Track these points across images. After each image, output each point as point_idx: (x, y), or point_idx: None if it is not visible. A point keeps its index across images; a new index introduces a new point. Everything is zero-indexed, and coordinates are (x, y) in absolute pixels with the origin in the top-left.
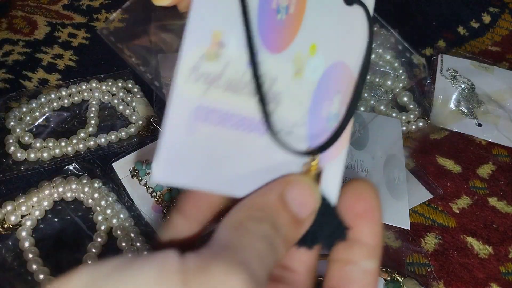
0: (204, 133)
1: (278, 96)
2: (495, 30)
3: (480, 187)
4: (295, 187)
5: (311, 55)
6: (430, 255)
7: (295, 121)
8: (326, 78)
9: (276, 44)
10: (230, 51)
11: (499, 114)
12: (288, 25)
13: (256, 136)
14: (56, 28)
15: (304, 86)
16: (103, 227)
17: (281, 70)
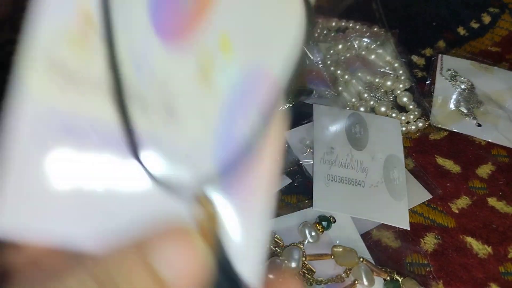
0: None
1: (171, 105)
2: (495, 30)
3: (479, 187)
4: (168, 248)
5: (222, 52)
6: (429, 255)
7: (195, 141)
8: (242, 86)
9: (173, 30)
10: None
11: (498, 114)
12: (194, 7)
13: (120, 154)
14: None
15: (210, 94)
16: None
17: (178, 69)
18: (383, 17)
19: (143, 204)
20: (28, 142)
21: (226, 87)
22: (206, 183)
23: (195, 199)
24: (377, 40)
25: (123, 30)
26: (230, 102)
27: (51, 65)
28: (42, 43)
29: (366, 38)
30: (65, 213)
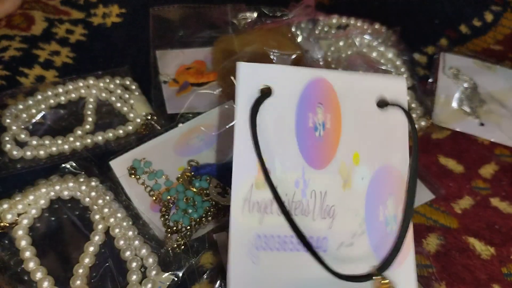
0: (267, 260)
1: (332, 210)
2: (498, 28)
3: (482, 187)
4: None
5: (355, 165)
6: (432, 256)
7: (354, 232)
8: (375, 184)
9: (320, 160)
10: (277, 175)
11: (501, 113)
12: (328, 140)
13: (318, 253)
14: (54, 24)
15: (355, 195)
16: (100, 226)
17: (329, 184)
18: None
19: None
20: (244, 250)
21: (363, 186)
22: (384, 261)
23: (378, 274)
24: (379, 37)
25: (285, 167)
26: (370, 196)
27: (249, 203)
28: (241, 191)
29: (368, 35)
30: (265, 277)
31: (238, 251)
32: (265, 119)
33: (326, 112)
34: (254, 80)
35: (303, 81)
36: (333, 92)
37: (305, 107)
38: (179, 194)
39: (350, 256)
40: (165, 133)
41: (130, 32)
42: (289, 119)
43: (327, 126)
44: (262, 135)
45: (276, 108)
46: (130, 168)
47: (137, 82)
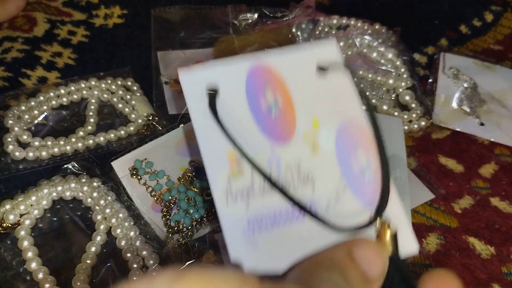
0: (265, 240)
1: (309, 175)
2: (498, 28)
3: (482, 187)
4: (363, 247)
5: (317, 129)
6: (432, 256)
7: (336, 188)
8: (341, 141)
9: (283, 136)
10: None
11: (501, 113)
12: (285, 116)
13: (305, 221)
14: (56, 25)
15: (326, 156)
16: (102, 226)
17: (299, 154)
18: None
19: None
20: (239, 238)
21: (331, 145)
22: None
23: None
24: (379, 38)
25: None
26: (339, 152)
27: (231, 193)
28: (220, 185)
29: (368, 36)
30: (267, 258)
31: (235, 241)
32: (222, 115)
33: (274, 92)
34: (198, 83)
35: (243, 70)
36: (274, 72)
37: (254, 94)
38: (181, 194)
39: (340, 212)
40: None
41: (131, 33)
42: (243, 109)
43: (280, 105)
44: (223, 130)
45: (227, 103)
46: (132, 168)
47: (138, 83)
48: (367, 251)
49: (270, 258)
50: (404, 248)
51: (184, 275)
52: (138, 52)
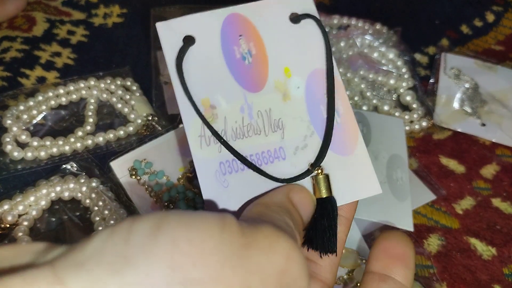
0: (234, 181)
1: (279, 122)
2: (499, 29)
3: (483, 187)
4: (298, 193)
5: (288, 78)
6: (433, 257)
7: (304, 134)
8: (310, 88)
9: (256, 84)
10: (223, 108)
11: (502, 114)
12: (258, 64)
13: (278, 162)
14: (55, 25)
15: (295, 103)
16: (100, 227)
17: (271, 101)
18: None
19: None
20: (211, 179)
21: (301, 93)
22: (317, 157)
23: (312, 169)
24: (380, 38)
25: (228, 98)
26: (309, 100)
27: (204, 138)
28: (194, 130)
29: (369, 35)
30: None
31: (207, 182)
32: (197, 63)
33: (248, 41)
34: (175, 35)
35: (218, 21)
36: (248, 22)
37: (228, 43)
38: (180, 195)
39: (306, 156)
40: (166, 134)
41: (131, 33)
42: (218, 58)
43: (253, 53)
44: (200, 78)
45: (203, 52)
46: (131, 169)
47: (138, 82)
48: (302, 195)
49: (240, 198)
50: (367, 190)
51: (165, 219)
52: (137, 51)
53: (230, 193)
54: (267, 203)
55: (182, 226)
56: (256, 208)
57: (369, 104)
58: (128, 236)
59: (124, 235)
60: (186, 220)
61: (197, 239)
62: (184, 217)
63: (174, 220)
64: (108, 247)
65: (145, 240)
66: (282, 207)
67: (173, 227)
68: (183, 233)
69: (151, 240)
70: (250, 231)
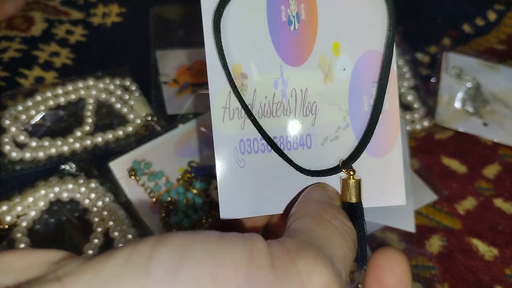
0: (252, 162)
1: (314, 106)
2: (501, 28)
3: (485, 188)
4: (329, 190)
5: (336, 55)
6: (434, 258)
7: (338, 125)
8: (358, 73)
9: (297, 56)
10: (254, 78)
11: (505, 113)
12: (304, 33)
13: (302, 150)
14: (54, 24)
15: (337, 88)
16: (99, 228)
17: (310, 80)
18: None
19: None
20: (229, 156)
21: (346, 76)
22: (350, 155)
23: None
24: None
25: (262, 68)
26: (353, 87)
27: (229, 110)
28: (219, 99)
29: None
30: (251, 180)
31: (224, 158)
32: (234, 18)
33: (299, 1)
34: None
35: None
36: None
37: (276, 0)
38: (180, 196)
39: (335, 150)
40: (165, 134)
41: (130, 32)
42: (260, 17)
43: (302, 18)
44: (234, 37)
45: (244, 5)
46: (130, 169)
47: (137, 82)
48: (333, 195)
49: (253, 179)
50: (391, 198)
51: (191, 250)
52: (136, 51)
53: (245, 174)
54: (319, 200)
55: (207, 260)
56: (310, 207)
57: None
58: (148, 264)
59: (145, 261)
60: (212, 252)
61: (222, 275)
62: (210, 247)
63: (199, 252)
64: (126, 272)
65: (167, 273)
66: (335, 212)
67: (197, 261)
68: (207, 269)
69: (173, 274)
70: (282, 263)
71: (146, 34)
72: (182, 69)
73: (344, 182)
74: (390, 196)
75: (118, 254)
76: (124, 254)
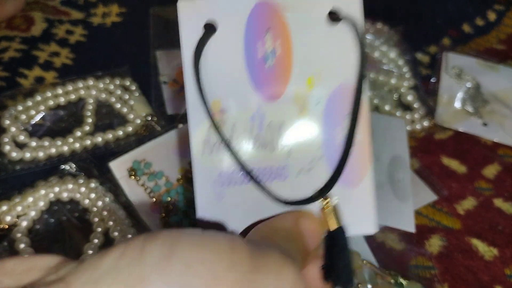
0: (230, 194)
1: (289, 139)
2: (501, 28)
3: (485, 188)
4: (307, 220)
5: (310, 89)
6: (434, 258)
7: (312, 157)
8: (331, 106)
9: (273, 92)
10: (233, 114)
11: (505, 113)
12: (280, 68)
13: (278, 182)
14: (54, 24)
15: (311, 121)
16: (99, 228)
17: (285, 114)
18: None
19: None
20: (208, 189)
21: (319, 110)
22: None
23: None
24: (381, 37)
25: (240, 104)
26: (326, 119)
27: (209, 144)
28: (200, 133)
29: (370, 35)
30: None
31: (203, 191)
32: (213, 57)
33: (275, 38)
34: (196, 17)
35: (247, 8)
36: (280, 14)
37: (253, 37)
38: (180, 196)
39: (310, 181)
40: (165, 134)
41: (130, 32)
42: (238, 54)
43: (277, 53)
44: (213, 75)
45: (223, 44)
46: (130, 169)
47: (137, 82)
48: (310, 222)
49: (234, 213)
50: (362, 227)
51: (179, 240)
52: (136, 51)
53: (224, 207)
54: (275, 227)
55: (195, 247)
56: (264, 229)
57: (370, 104)
58: (142, 255)
59: (138, 254)
60: (198, 241)
61: (209, 260)
62: (196, 238)
63: (187, 242)
64: (122, 265)
65: (159, 260)
66: (290, 233)
67: (186, 248)
68: (195, 254)
69: (165, 261)
70: (258, 254)
71: (146, 34)
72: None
73: (321, 211)
74: (361, 225)
75: (113, 251)
76: (118, 250)
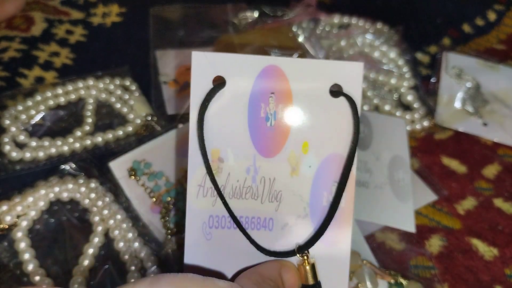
0: (218, 237)
1: (279, 194)
2: (501, 28)
3: (485, 188)
4: (289, 271)
5: (304, 153)
6: (434, 258)
7: (298, 214)
8: (322, 171)
9: (270, 149)
10: (229, 163)
11: (504, 113)
12: (279, 130)
13: (264, 231)
14: (54, 24)
15: (301, 182)
16: (99, 228)
17: (278, 171)
18: None
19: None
20: (198, 229)
21: (310, 173)
22: (306, 243)
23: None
24: (381, 37)
25: (238, 155)
26: (315, 183)
27: (203, 188)
28: (196, 177)
29: (370, 35)
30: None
31: (193, 230)
32: (219, 109)
33: (278, 102)
34: (208, 70)
35: (256, 70)
36: (286, 81)
37: (258, 98)
38: (179, 195)
39: (293, 235)
40: (165, 134)
41: (130, 32)
42: (242, 110)
43: (279, 116)
44: (216, 126)
45: (229, 98)
46: (130, 169)
47: (137, 82)
48: (291, 276)
49: (219, 253)
50: (333, 285)
51: (181, 286)
52: (136, 51)
53: (210, 246)
54: (264, 275)
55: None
56: (254, 277)
57: (370, 104)
58: None
59: None
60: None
61: None
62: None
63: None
64: None
65: None
66: (274, 282)
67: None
68: None
69: None
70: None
71: (146, 34)
72: (182, 69)
73: (299, 266)
74: (333, 283)
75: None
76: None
